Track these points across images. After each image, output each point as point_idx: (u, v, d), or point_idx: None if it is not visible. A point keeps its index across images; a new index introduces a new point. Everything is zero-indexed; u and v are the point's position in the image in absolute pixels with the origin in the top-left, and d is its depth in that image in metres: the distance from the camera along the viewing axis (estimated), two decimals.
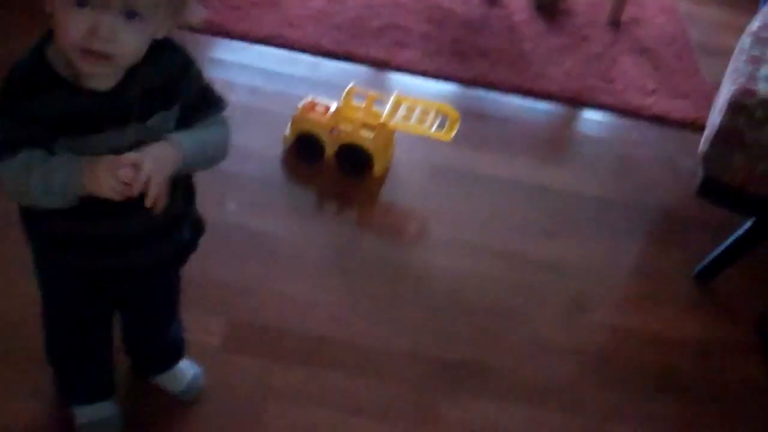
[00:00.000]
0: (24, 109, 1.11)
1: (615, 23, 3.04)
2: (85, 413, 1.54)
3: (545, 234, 2.21)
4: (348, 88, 2.22)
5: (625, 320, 2.02)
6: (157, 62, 1.17)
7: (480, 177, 2.34)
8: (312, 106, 2.22)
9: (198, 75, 1.24)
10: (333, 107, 2.20)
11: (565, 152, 2.56)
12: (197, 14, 1.17)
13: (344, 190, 2.21)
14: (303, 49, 2.62)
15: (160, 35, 1.14)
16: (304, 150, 2.22)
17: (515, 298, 2.02)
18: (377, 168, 2.20)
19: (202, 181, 1.43)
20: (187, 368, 1.65)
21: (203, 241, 1.47)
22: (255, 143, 2.25)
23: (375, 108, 2.21)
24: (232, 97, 2.24)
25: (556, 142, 2.59)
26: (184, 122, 1.23)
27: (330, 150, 2.19)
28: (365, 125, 2.16)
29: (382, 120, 2.15)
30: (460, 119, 2.22)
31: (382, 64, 2.63)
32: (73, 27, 1.05)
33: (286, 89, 2.45)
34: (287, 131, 2.24)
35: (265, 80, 2.49)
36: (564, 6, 3.09)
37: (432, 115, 2.21)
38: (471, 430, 1.72)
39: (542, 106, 2.67)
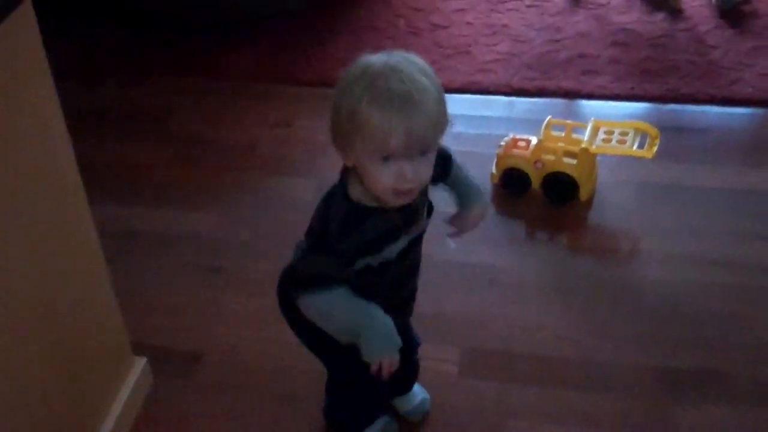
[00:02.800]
0: (345, 246, 1.32)
1: None
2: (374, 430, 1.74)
3: (760, 237, 2.21)
4: (546, 120, 2.35)
5: None
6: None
7: (686, 189, 2.38)
8: (514, 142, 2.36)
9: (453, 160, 1.50)
10: (534, 141, 2.33)
11: None
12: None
13: (553, 217, 2.32)
14: (497, 92, 2.78)
15: None
16: (511, 184, 2.36)
17: (736, 303, 2.04)
18: (583, 192, 2.30)
19: None
20: (418, 392, 1.83)
21: (434, 278, 1.63)
22: None
23: (574, 135, 2.32)
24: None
25: (759, 146, 2.58)
26: (440, 181, 1.48)
27: (536, 181, 2.32)
28: (567, 153, 2.28)
29: (583, 146, 2.26)
30: (659, 135, 2.28)
31: (574, 94, 2.74)
32: (384, 178, 1.24)
33: (486, 131, 2.60)
34: (493, 169, 2.38)
35: (466, 125, 2.66)
36: (748, 8, 3.07)
37: (631, 135, 2.29)
38: None
39: (740, 111, 2.68)
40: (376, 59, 1.25)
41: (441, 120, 1.26)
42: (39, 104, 1.42)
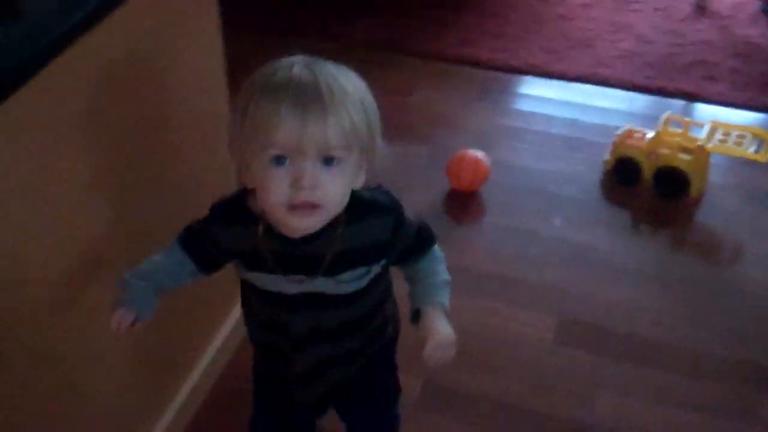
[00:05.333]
0: (214, 234, 1.20)
1: None
2: None
3: None
4: (665, 115, 2.39)
5: None
6: (364, 226, 1.16)
7: None
8: (630, 133, 2.41)
9: (410, 227, 1.22)
10: (650, 134, 2.38)
11: None
12: (386, 158, 1.15)
13: (659, 211, 2.37)
14: (616, 85, 2.83)
15: (357, 184, 1.13)
16: (623, 173, 2.41)
17: None
18: (694, 190, 2.34)
19: (529, 200, 1.64)
20: None
21: (539, 251, 1.66)
22: (576, 168, 2.48)
23: (691, 134, 2.36)
24: (553, 130, 2.54)
25: None
26: (400, 259, 1.26)
27: (648, 173, 2.37)
28: (683, 149, 2.32)
29: (699, 143, 2.30)
30: None
31: (692, 97, 2.77)
32: (277, 185, 1.04)
33: (603, 121, 2.66)
34: (607, 156, 2.44)
35: (583, 113, 2.72)
36: None
37: (748, 138, 2.33)
38: None
39: None
40: (295, 57, 1.09)
41: (360, 132, 1.06)
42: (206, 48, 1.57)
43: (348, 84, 1.07)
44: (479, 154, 2.37)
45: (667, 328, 2.02)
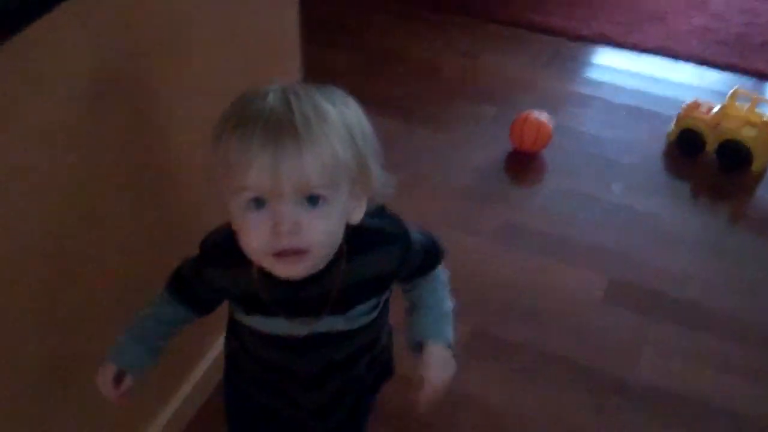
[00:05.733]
0: (207, 275, 1.08)
1: None
2: None
3: None
4: (733, 89, 2.39)
5: None
6: (370, 258, 1.05)
7: None
8: (696, 105, 2.41)
9: (419, 249, 1.11)
10: (717, 107, 2.38)
11: None
12: (387, 187, 1.01)
13: (720, 184, 2.37)
14: (686, 60, 2.83)
15: (354, 219, 1.00)
16: (686, 145, 2.42)
17: None
18: (757, 164, 2.34)
19: (590, 165, 1.67)
20: None
21: (596, 215, 1.66)
22: (639, 138, 2.50)
23: (758, 110, 2.35)
24: (619, 99, 2.55)
25: None
26: (404, 279, 1.16)
27: (711, 146, 2.37)
28: (749, 123, 2.32)
29: (765, 119, 2.29)
30: None
31: (763, 76, 2.75)
32: (256, 231, 0.93)
33: (670, 94, 2.66)
34: (671, 127, 2.45)
35: (651, 85, 2.72)
36: None
37: None
38: None
39: None
40: (274, 84, 0.96)
41: (345, 164, 0.93)
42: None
43: (331, 111, 0.93)
44: (543, 116, 2.40)
45: (717, 297, 2.03)
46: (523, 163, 2.43)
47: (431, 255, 1.15)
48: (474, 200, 2.30)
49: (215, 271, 1.07)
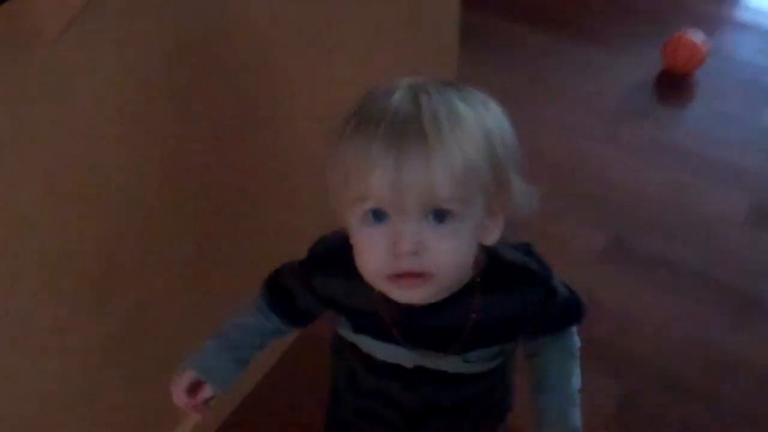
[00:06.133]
0: (317, 283, 0.97)
1: None
2: None
3: None
4: None
5: None
6: (511, 297, 0.93)
7: None
8: None
9: (560, 302, 0.96)
10: None
11: None
12: (529, 203, 0.86)
13: None
14: None
15: (489, 240, 0.87)
16: None
17: None
18: None
19: (742, 90, 1.77)
20: None
21: (743, 136, 1.62)
22: None
23: None
24: None
25: None
26: (532, 334, 1.01)
27: None
28: None
29: None
30: None
31: None
32: (372, 250, 0.81)
33: None
34: None
35: None
36: None
37: None
38: None
39: None
40: (404, 79, 0.83)
41: (479, 172, 0.79)
42: None
43: (467, 113, 0.80)
44: (699, 37, 2.37)
45: None
46: (673, 83, 2.42)
47: (570, 311, 1.00)
48: (619, 115, 2.31)
49: (327, 279, 0.95)
